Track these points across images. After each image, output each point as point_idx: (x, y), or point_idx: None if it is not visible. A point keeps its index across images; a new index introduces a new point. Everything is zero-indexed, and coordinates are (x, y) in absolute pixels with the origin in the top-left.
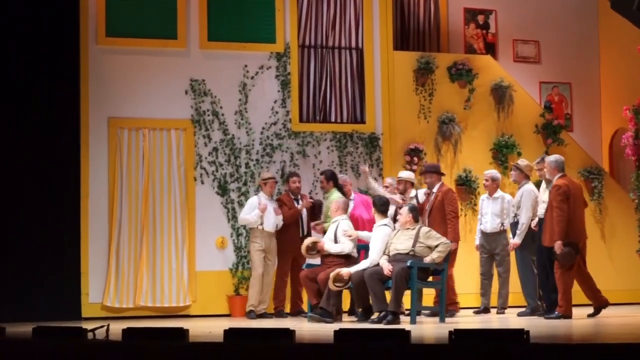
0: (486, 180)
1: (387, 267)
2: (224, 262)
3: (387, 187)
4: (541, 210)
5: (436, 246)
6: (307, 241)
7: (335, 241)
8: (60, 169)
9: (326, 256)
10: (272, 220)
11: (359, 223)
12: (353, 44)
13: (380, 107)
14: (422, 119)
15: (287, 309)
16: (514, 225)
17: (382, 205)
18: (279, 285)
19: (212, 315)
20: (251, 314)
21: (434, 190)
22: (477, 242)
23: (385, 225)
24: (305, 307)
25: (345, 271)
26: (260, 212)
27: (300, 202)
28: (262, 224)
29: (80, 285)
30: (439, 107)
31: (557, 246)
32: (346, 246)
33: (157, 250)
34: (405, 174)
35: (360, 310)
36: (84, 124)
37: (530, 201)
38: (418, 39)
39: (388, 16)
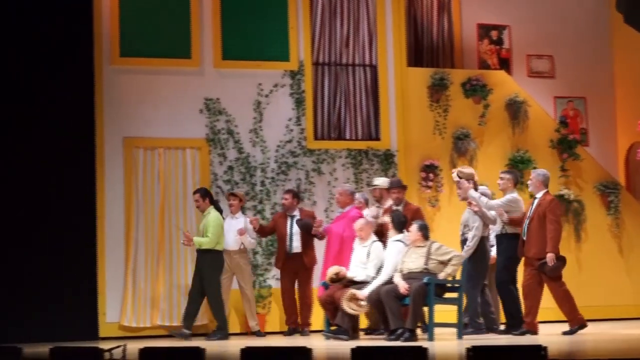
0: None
1: (403, 285)
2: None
3: (359, 206)
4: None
5: (449, 260)
6: (330, 273)
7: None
8: (76, 189)
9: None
10: (232, 239)
11: (332, 236)
12: (367, 61)
13: (394, 124)
14: (437, 135)
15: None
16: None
17: (399, 223)
18: (288, 303)
19: (229, 334)
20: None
21: (400, 207)
22: None
23: (399, 241)
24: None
25: (360, 293)
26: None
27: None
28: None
29: (97, 304)
30: (454, 123)
31: (550, 258)
32: (371, 271)
33: (174, 269)
34: (380, 181)
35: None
36: (99, 145)
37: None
38: (432, 55)
39: (402, 33)
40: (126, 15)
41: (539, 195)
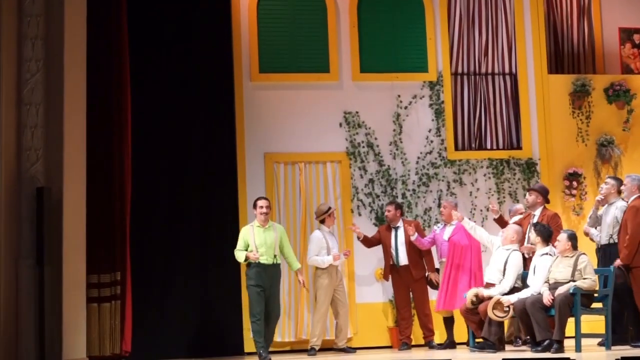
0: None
1: (547, 296)
2: (384, 294)
3: (521, 214)
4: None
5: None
6: (470, 296)
7: (504, 272)
8: (219, 205)
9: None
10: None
11: (455, 248)
12: (506, 70)
13: (536, 132)
14: (580, 143)
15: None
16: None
17: (548, 235)
18: (404, 317)
19: (374, 347)
20: (312, 351)
21: (536, 213)
22: None
23: (547, 254)
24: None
25: (505, 299)
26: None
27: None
28: None
29: (242, 319)
30: (597, 130)
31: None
32: (508, 283)
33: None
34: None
35: (528, 338)
36: (241, 161)
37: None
38: (572, 61)
39: (541, 40)
40: (264, 32)
41: (630, 200)
